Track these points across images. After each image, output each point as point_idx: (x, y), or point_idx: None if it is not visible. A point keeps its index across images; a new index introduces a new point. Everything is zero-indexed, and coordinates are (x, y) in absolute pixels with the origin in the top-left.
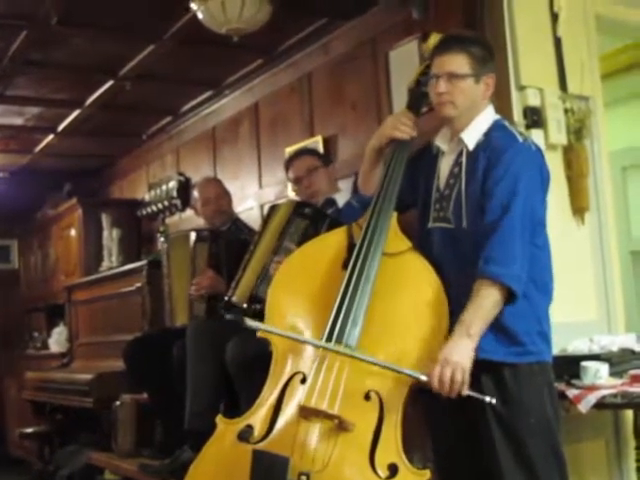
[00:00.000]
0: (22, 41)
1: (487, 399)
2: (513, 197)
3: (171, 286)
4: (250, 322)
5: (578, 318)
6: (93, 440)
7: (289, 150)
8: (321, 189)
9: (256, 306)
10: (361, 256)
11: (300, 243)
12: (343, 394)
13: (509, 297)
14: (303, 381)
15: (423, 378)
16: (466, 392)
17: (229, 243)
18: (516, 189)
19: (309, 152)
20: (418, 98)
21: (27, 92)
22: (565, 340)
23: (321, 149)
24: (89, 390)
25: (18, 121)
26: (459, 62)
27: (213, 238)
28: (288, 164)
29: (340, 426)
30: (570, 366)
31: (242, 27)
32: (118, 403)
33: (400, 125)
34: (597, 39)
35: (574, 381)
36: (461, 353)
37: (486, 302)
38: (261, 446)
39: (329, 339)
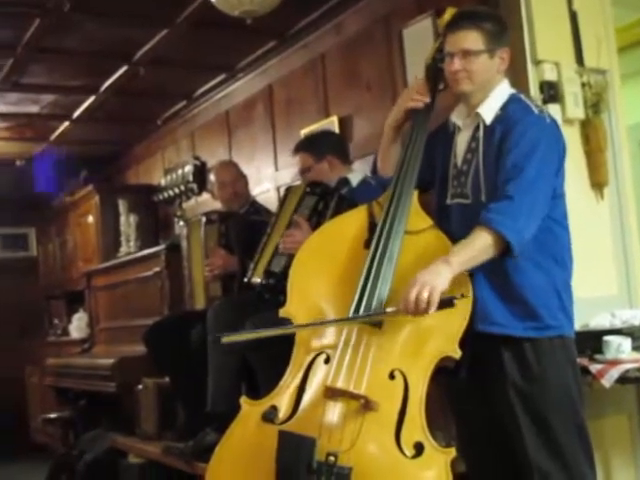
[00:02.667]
0: (36, 29)
1: (455, 301)
2: (527, 160)
3: (190, 269)
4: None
5: (599, 293)
6: (116, 424)
7: (304, 132)
8: (323, 179)
9: (269, 281)
10: (384, 235)
11: (309, 218)
12: (368, 373)
13: (507, 251)
14: (327, 361)
15: (389, 309)
16: (433, 310)
17: (239, 222)
18: (530, 153)
19: (303, 148)
20: (435, 74)
21: (42, 80)
22: (587, 315)
23: (336, 130)
24: (111, 375)
25: (33, 109)
26: (472, 38)
27: (221, 219)
28: (292, 156)
29: (366, 406)
30: (592, 341)
31: (255, 9)
32: (140, 387)
33: (414, 94)
34: (613, 12)
35: (597, 356)
36: (432, 274)
37: (476, 242)
38: (287, 427)
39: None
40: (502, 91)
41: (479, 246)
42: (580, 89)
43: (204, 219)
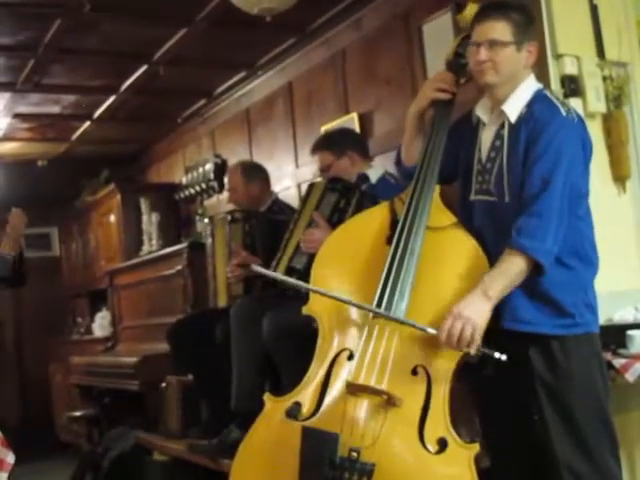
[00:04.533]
0: (56, 29)
1: (497, 355)
2: (554, 172)
3: (214, 267)
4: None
5: (623, 287)
6: (140, 422)
7: (324, 128)
8: (344, 176)
9: (292, 276)
10: (405, 231)
11: (331, 215)
12: (391, 369)
13: (536, 269)
14: (350, 358)
15: (432, 331)
16: (474, 350)
17: (263, 222)
18: (558, 164)
19: (322, 145)
20: (456, 69)
21: (63, 80)
22: (610, 309)
23: (356, 126)
24: (135, 373)
25: (55, 109)
26: (501, 29)
27: (246, 218)
28: (311, 155)
29: (388, 401)
30: (616, 335)
31: (273, 6)
32: (164, 385)
33: (440, 84)
34: (634, 4)
35: (621, 350)
36: (474, 310)
37: (511, 269)
38: (310, 423)
39: (376, 314)
40: (528, 87)
41: (514, 274)
42: (601, 82)
43: (229, 217)
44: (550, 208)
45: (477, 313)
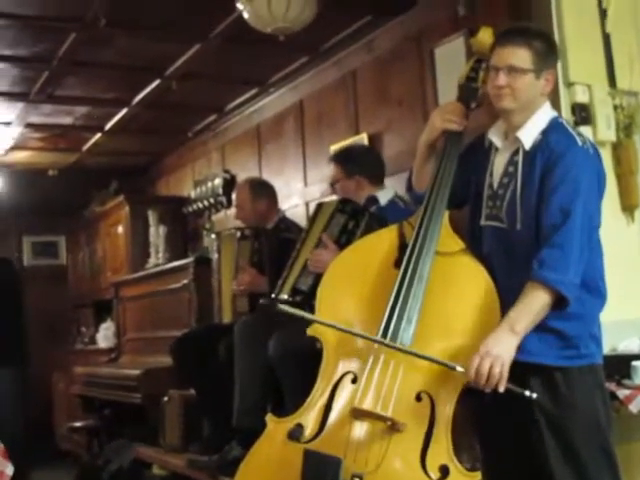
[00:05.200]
0: (71, 42)
1: (527, 393)
2: (573, 202)
3: (220, 282)
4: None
5: (628, 317)
6: (141, 435)
7: (334, 148)
8: (348, 196)
9: (296, 298)
10: (414, 255)
11: (339, 236)
12: (395, 395)
13: (559, 301)
14: (354, 381)
15: (460, 369)
16: (503, 387)
17: (271, 240)
18: (576, 194)
19: (337, 159)
20: (468, 93)
21: (76, 92)
22: (615, 339)
23: None
24: (137, 386)
25: (67, 120)
26: (521, 56)
27: (255, 236)
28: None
29: (392, 427)
30: (620, 366)
31: (288, 26)
32: (166, 399)
33: (451, 116)
34: None
35: (625, 381)
36: (502, 347)
37: (535, 303)
38: (312, 446)
39: (384, 337)
40: (544, 114)
41: (538, 307)
42: (612, 111)
43: (238, 234)
44: (571, 239)
45: (505, 351)
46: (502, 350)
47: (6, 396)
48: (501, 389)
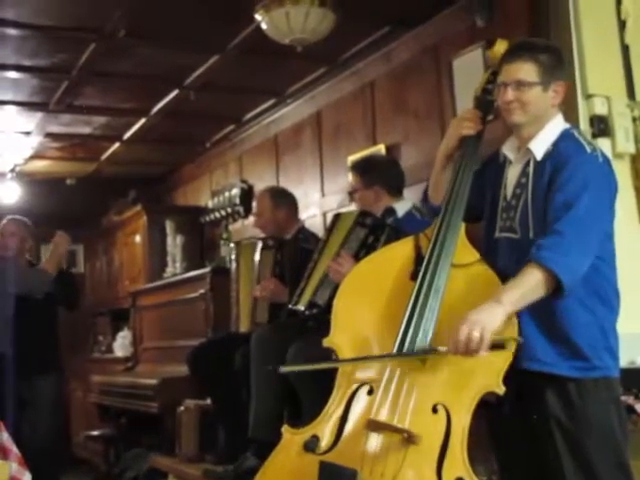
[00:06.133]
0: (91, 53)
1: (515, 338)
2: (578, 198)
3: (238, 292)
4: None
5: None
6: (157, 444)
7: (351, 158)
8: (366, 208)
9: (313, 311)
10: (430, 268)
11: (358, 251)
12: (411, 408)
13: (558, 291)
14: (370, 392)
15: (442, 349)
16: (485, 351)
17: (293, 251)
18: (582, 192)
19: (357, 169)
20: (485, 105)
21: (95, 102)
22: (633, 352)
23: None
24: (154, 395)
25: (86, 130)
26: (527, 70)
27: (278, 247)
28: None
29: (408, 439)
30: (639, 379)
31: (306, 37)
32: (182, 408)
33: (464, 122)
34: None
35: None
36: (482, 314)
37: (526, 280)
38: (328, 457)
39: (400, 351)
40: (555, 126)
41: (530, 284)
42: (631, 123)
43: (260, 244)
44: (572, 228)
45: (486, 316)
46: (482, 316)
47: (40, 406)
48: (482, 352)
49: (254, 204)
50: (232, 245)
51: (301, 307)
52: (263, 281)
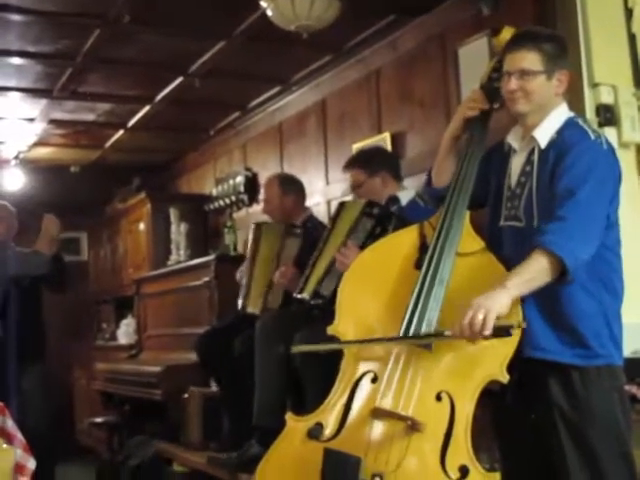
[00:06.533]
0: (95, 39)
1: (515, 324)
2: (581, 184)
3: (252, 270)
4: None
5: None
6: (160, 431)
7: (356, 147)
8: (373, 198)
9: (317, 301)
10: (435, 256)
11: (365, 242)
12: (416, 395)
13: (563, 276)
14: (374, 380)
15: (448, 332)
16: (488, 331)
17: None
18: (585, 178)
19: (356, 163)
20: (491, 93)
21: (99, 89)
22: (637, 341)
23: (389, 146)
24: (157, 382)
25: (90, 117)
26: (531, 59)
27: (304, 236)
28: (344, 171)
29: (412, 427)
30: None
31: (311, 24)
32: (186, 396)
33: (470, 103)
34: None
35: None
36: (487, 298)
37: (531, 265)
38: (332, 445)
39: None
40: (559, 114)
41: (535, 270)
42: (637, 112)
43: (283, 227)
44: (575, 213)
45: (490, 300)
46: (486, 300)
47: (35, 393)
48: (486, 333)
49: (262, 190)
50: (252, 225)
51: (306, 296)
52: (284, 267)
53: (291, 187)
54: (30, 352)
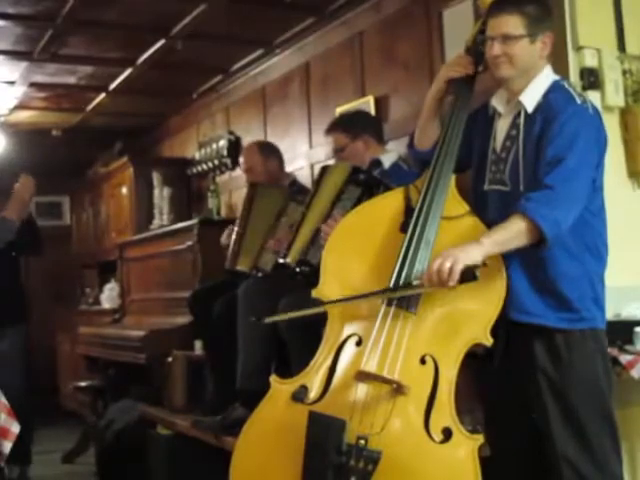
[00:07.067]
0: (75, 1)
1: (476, 272)
2: (568, 151)
3: (245, 228)
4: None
5: (632, 282)
6: (145, 394)
7: (340, 110)
8: (356, 161)
9: (304, 268)
10: (420, 220)
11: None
12: (400, 359)
13: (540, 242)
14: (358, 343)
15: (416, 282)
16: (454, 282)
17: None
18: (572, 145)
19: (338, 126)
20: (476, 56)
21: (80, 51)
22: (619, 305)
23: (372, 109)
24: (141, 346)
25: (71, 80)
26: (513, 23)
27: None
28: (326, 135)
29: (397, 390)
30: (623, 331)
31: None
32: (170, 359)
33: (455, 65)
34: None
35: (627, 347)
36: (459, 248)
37: (510, 227)
38: (317, 407)
39: (389, 303)
40: (545, 78)
41: (512, 231)
42: (621, 76)
43: (288, 193)
44: (562, 182)
45: (460, 250)
46: (456, 250)
47: (15, 356)
48: (451, 284)
49: (241, 160)
50: (252, 185)
51: (290, 261)
52: (281, 234)
53: (271, 152)
54: (8, 315)
